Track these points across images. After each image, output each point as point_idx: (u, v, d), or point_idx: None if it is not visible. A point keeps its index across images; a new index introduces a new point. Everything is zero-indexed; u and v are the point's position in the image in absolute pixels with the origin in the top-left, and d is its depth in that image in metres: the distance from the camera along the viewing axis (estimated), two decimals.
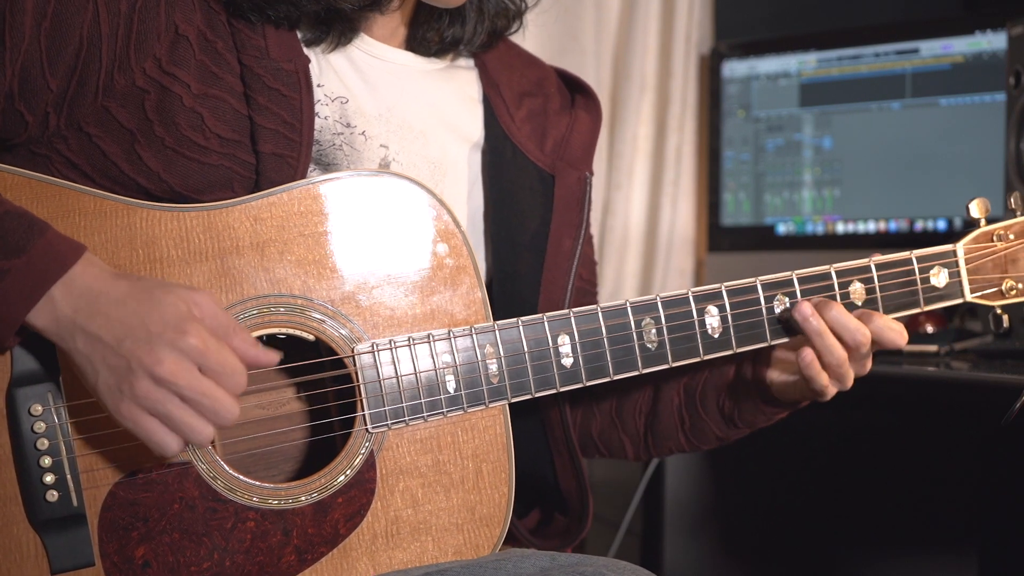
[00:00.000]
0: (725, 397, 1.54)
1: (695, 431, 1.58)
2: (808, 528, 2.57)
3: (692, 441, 1.59)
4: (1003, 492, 2.53)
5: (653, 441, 1.60)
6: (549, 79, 1.63)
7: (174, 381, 1.17)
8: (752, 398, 1.52)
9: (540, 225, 1.52)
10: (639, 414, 1.60)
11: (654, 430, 1.59)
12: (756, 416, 1.53)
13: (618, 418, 1.61)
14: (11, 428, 1.24)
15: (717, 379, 1.55)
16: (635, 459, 1.65)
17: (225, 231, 1.30)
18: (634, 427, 1.61)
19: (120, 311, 1.18)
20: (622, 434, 1.61)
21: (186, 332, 1.18)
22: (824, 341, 1.42)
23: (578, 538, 1.55)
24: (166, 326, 1.18)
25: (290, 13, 1.37)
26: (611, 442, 1.63)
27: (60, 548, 1.25)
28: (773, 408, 1.52)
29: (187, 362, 1.18)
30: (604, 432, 1.62)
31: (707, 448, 1.61)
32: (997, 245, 1.53)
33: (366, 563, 1.34)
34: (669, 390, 1.58)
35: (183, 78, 1.33)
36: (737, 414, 1.54)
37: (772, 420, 1.55)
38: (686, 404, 1.57)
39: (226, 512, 1.30)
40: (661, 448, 1.61)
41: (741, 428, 1.56)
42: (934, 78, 2.46)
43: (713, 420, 1.56)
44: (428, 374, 1.35)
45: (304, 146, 1.36)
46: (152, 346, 1.17)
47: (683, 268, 2.87)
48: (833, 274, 1.47)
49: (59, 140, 1.34)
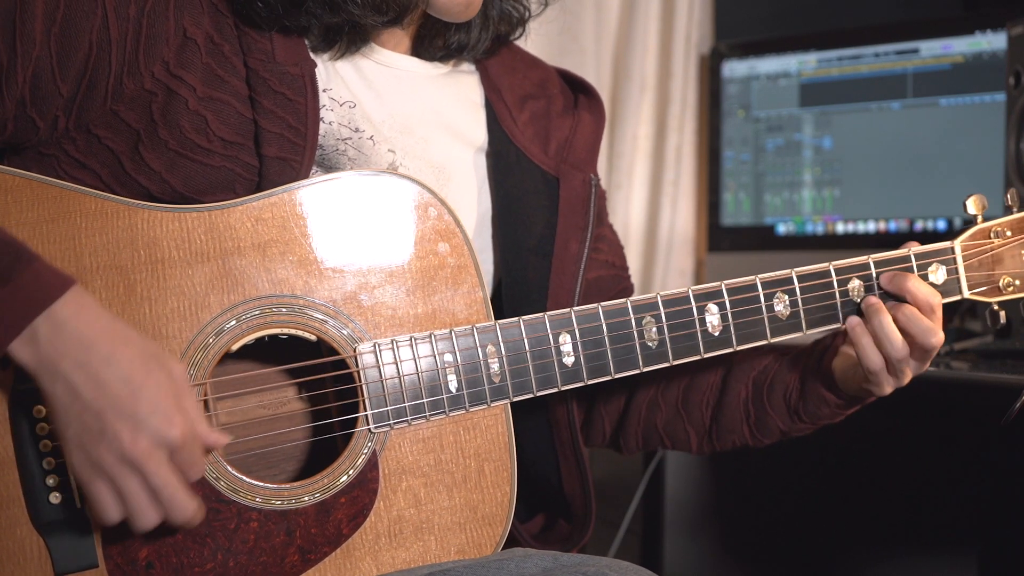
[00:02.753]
0: (792, 389, 1.55)
1: (759, 424, 1.58)
2: (808, 528, 2.57)
3: (756, 435, 1.60)
4: (1003, 492, 2.53)
5: (717, 433, 1.61)
6: (551, 80, 1.63)
7: (144, 466, 1.16)
8: (817, 389, 1.53)
9: (546, 229, 1.52)
10: (706, 406, 1.60)
11: (719, 423, 1.60)
12: (820, 407, 1.54)
13: (684, 410, 1.61)
14: (14, 430, 1.24)
15: (786, 372, 1.56)
16: (697, 452, 1.65)
17: (227, 231, 1.30)
18: (700, 419, 1.61)
19: (109, 373, 1.16)
20: (688, 425, 1.62)
21: (173, 423, 1.16)
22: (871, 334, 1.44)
23: (580, 544, 1.55)
24: (155, 410, 1.16)
25: (307, 23, 1.37)
26: (676, 433, 1.63)
27: (63, 550, 1.25)
28: (837, 398, 1.53)
29: (162, 451, 1.17)
30: (670, 423, 1.62)
31: (769, 443, 1.61)
32: (994, 242, 1.53)
33: (369, 563, 1.34)
34: (737, 383, 1.58)
35: (189, 81, 1.33)
36: (802, 406, 1.54)
37: (836, 416, 1.56)
38: (753, 397, 1.58)
39: (229, 513, 1.30)
40: (724, 441, 1.62)
41: (805, 422, 1.56)
42: (934, 78, 2.46)
43: (778, 413, 1.56)
44: (430, 373, 1.35)
45: (308, 150, 1.36)
46: (135, 426, 1.15)
47: (683, 268, 2.88)
48: (832, 272, 1.47)
49: (67, 141, 1.34)
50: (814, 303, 1.47)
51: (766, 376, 1.57)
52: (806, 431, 1.59)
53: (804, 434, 1.60)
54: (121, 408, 1.15)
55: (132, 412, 1.15)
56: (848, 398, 1.53)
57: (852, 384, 1.50)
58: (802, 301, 1.46)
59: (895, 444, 2.56)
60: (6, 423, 1.24)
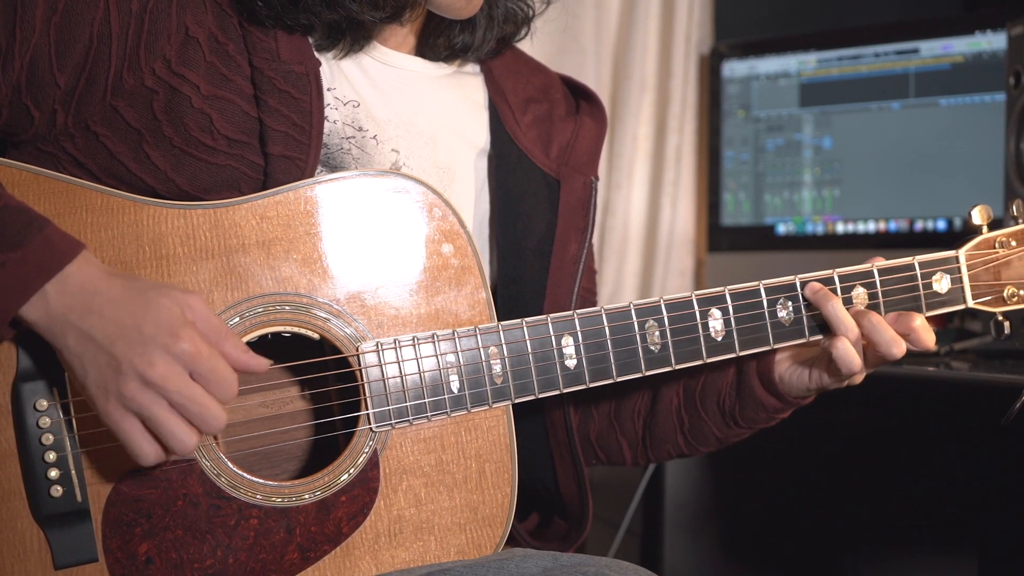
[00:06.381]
0: (726, 395, 1.54)
1: (694, 432, 1.57)
2: (808, 528, 2.57)
3: (691, 443, 1.58)
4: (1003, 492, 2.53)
5: (651, 443, 1.60)
6: (554, 85, 1.63)
7: (164, 385, 1.17)
8: (755, 394, 1.52)
9: (546, 230, 1.52)
10: (637, 416, 1.60)
11: (652, 432, 1.59)
12: (758, 413, 1.53)
13: (616, 420, 1.61)
14: (16, 423, 1.24)
15: (717, 377, 1.55)
16: (632, 464, 1.64)
17: (231, 229, 1.30)
18: (632, 429, 1.60)
19: (114, 311, 1.18)
20: (620, 437, 1.61)
21: (179, 337, 1.17)
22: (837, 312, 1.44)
23: (577, 542, 1.55)
24: (159, 329, 1.17)
25: (309, 21, 1.38)
26: (609, 446, 1.62)
27: (63, 543, 1.25)
28: (776, 403, 1.52)
29: (178, 366, 1.17)
30: (602, 435, 1.62)
31: (705, 451, 1.60)
32: (999, 252, 1.53)
33: (369, 562, 1.34)
34: (668, 391, 1.58)
35: (192, 79, 1.33)
36: (739, 411, 1.53)
37: (773, 419, 1.55)
38: (685, 404, 1.57)
39: (229, 509, 1.30)
40: (659, 451, 1.61)
41: (742, 427, 1.55)
42: (934, 78, 2.46)
43: (713, 420, 1.55)
44: (432, 374, 1.35)
45: (312, 148, 1.36)
46: (145, 348, 1.17)
47: (683, 268, 2.88)
48: (836, 279, 1.47)
49: (66, 139, 1.34)
50: (816, 309, 1.46)
51: (696, 382, 1.56)
52: (743, 436, 1.58)
53: (740, 439, 1.58)
54: (129, 337, 1.17)
55: (139, 338, 1.17)
56: (789, 401, 1.52)
57: (799, 387, 1.50)
58: (805, 308, 1.46)
59: (895, 444, 2.56)
60: (8, 416, 1.24)
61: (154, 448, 1.19)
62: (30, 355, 1.24)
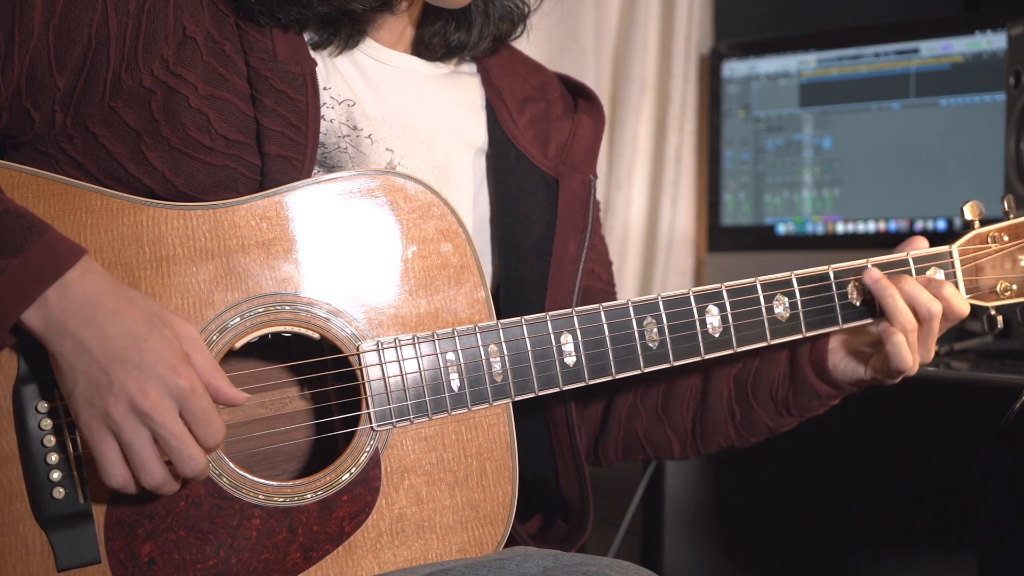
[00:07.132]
0: (779, 384, 1.55)
1: (746, 423, 1.58)
2: (808, 528, 2.57)
3: (742, 434, 1.59)
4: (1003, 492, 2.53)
5: (702, 436, 1.60)
6: (551, 84, 1.63)
7: (152, 416, 1.17)
8: (808, 382, 1.53)
9: (545, 229, 1.52)
10: (687, 409, 1.60)
11: (703, 425, 1.59)
12: (810, 400, 1.54)
13: (664, 415, 1.61)
14: (18, 425, 1.24)
15: (770, 368, 1.56)
16: (681, 457, 1.64)
17: (231, 229, 1.31)
18: (681, 423, 1.60)
19: (115, 327, 1.18)
20: (669, 431, 1.61)
21: (178, 372, 1.18)
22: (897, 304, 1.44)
23: (578, 544, 1.55)
24: (160, 360, 1.17)
25: (300, 15, 1.38)
26: (658, 441, 1.62)
27: (66, 545, 1.25)
28: (830, 390, 1.53)
29: (170, 400, 1.18)
30: (650, 430, 1.62)
31: (755, 441, 1.61)
32: (991, 247, 1.54)
33: (371, 561, 1.34)
34: (718, 383, 1.58)
35: (190, 79, 1.33)
36: (792, 399, 1.54)
37: (825, 406, 1.56)
38: (737, 396, 1.57)
39: (232, 510, 1.30)
40: (710, 443, 1.61)
41: (794, 416, 1.56)
42: (934, 78, 2.47)
43: (765, 409, 1.56)
44: (432, 372, 1.35)
45: (309, 148, 1.36)
46: (141, 375, 1.17)
47: (683, 268, 2.88)
48: (831, 275, 1.48)
49: (65, 140, 1.34)
50: (813, 305, 1.48)
51: (748, 372, 1.57)
52: (791, 425, 1.59)
53: (789, 428, 1.60)
54: (127, 359, 1.17)
55: (138, 363, 1.17)
56: (842, 388, 1.53)
57: (854, 374, 1.51)
58: (802, 303, 1.47)
59: (895, 444, 2.56)
60: (9, 418, 1.24)
61: (124, 473, 1.19)
62: (31, 357, 1.24)
